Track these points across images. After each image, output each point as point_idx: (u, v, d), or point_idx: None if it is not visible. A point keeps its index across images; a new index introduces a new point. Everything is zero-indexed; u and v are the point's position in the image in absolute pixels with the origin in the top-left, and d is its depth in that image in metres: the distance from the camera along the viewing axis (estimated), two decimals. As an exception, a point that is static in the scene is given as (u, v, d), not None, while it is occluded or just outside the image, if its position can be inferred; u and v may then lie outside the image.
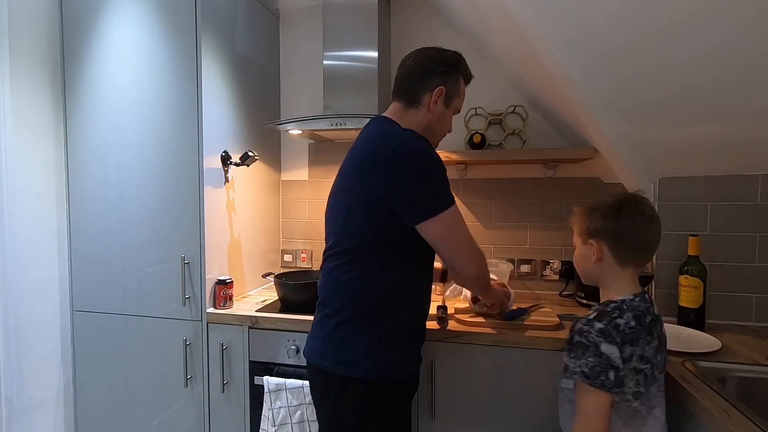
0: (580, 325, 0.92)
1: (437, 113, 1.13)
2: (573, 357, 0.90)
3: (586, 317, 0.93)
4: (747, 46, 0.96)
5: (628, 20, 0.99)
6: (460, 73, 1.15)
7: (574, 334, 0.92)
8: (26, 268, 1.60)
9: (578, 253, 1.01)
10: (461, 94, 1.17)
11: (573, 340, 0.91)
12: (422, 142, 1.05)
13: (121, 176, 1.66)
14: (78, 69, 1.68)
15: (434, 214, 1.02)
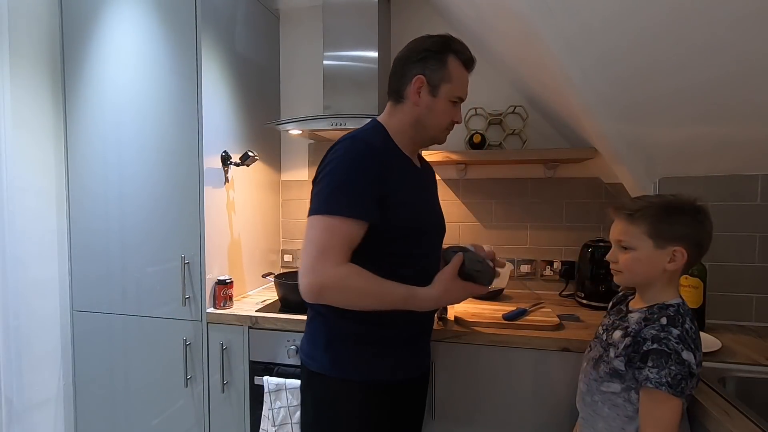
0: (653, 332, 0.86)
1: (424, 105, 1.03)
2: (652, 366, 0.83)
3: (652, 322, 0.88)
4: (747, 46, 0.96)
5: (627, 20, 0.99)
6: (447, 56, 1.02)
7: (647, 341, 0.85)
8: (26, 267, 1.60)
9: (642, 256, 0.91)
10: (453, 79, 1.02)
11: (647, 348, 0.85)
12: (360, 143, 0.98)
13: (121, 176, 1.66)
14: (78, 69, 1.68)
15: (310, 214, 0.96)
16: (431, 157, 1.76)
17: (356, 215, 0.93)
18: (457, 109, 1.07)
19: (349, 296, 0.94)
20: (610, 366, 0.92)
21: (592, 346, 1.03)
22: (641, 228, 0.91)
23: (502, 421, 1.35)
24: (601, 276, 1.64)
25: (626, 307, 1.00)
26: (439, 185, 1.98)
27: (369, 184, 0.95)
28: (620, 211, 0.94)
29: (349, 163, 0.95)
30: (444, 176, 1.99)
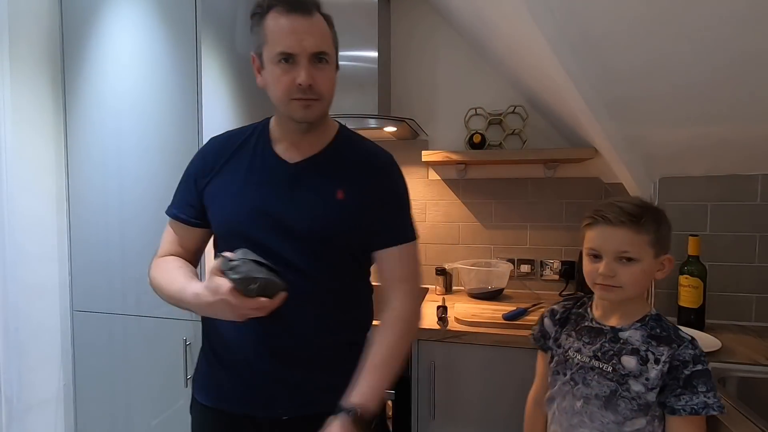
0: (690, 351, 0.79)
1: (264, 80, 0.86)
2: (707, 390, 0.77)
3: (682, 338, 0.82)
4: (747, 47, 0.96)
5: (627, 21, 0.99)
6: (266, 16, 0.82)
7: (688, 363, 0.78)
8: (26, 268, 1.60)
9: (647, 268, 0.82)
10: (269, 36, 0.81)
11: (691, 371, 0.78)
12: (207, 141, 0.98)
13: (121, 176, 1.66)
14: (78, 69, 1.68)
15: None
16: (431, 158, 1.76)
17: (172, 214, 0.95)
18: (292, 69, 0.80)
19: (156, 287, 0.90)
20: (640, 402, 0.80)
21: (582, 380, 0.86)
22: (647, 237, 0.82)
23: (501, 421, 1.35)
24: (601, 276, 1.64)
25: (598, 323, 0.88)
26: (439, 185, 1.99)
27: (187, 183, 0.94)
28: (619, 216, 0.82)
29: (191, 159, 0.97)
30: (444, 176, 1.99)
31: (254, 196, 0.87)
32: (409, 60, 2.01)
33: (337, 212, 0.87)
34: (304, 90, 0.81)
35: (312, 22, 0.81)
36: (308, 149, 0.90)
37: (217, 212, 0.89)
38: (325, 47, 0.83)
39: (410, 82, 2.01)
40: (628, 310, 0.86)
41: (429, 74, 1.99)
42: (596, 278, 0.84)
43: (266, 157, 0.90)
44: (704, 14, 0.91)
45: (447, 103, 1.97)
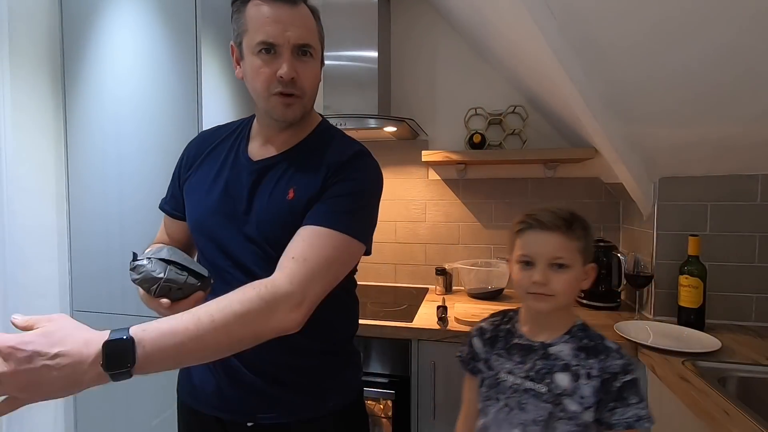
0: (619, 361, 0.77)
1: (243, 71, 0.81)
2: (637, 401, 0.75)
3: (608, 347, 0.79)
4: (747, 47, 0.96)
5: (628, 21, 0.99)
6: (245, 3, 0.78)
7: (618, 375, 0.76)
8: (26, 268, 1.60)
9: (578, 275, 0.80)
10: (249, 24, 0.77)
11: (622, 381, 0.76)
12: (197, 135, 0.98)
13: (120, 176, 1.66)
14: (78, 69, 1.68)
15: None
16: (431, 157, 1.76)
17: (160, 205, 0.97)
18: (273, 60, 0.76)
19: None
20: (578, 422, 0.76)
21: (517, 404, 0.80)
22: (577, 243, 0.79)
23: (502, 421, 1.35)
24: (601, 276, 1.64)
25: (528, 340, 0.84)
26: (439, 185, 1.99)
27: (174, 176, 0.96)
28: (553, 220, 0.79)
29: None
30: (444, 176, 1.99)
31: (218, 194, 0.84)
32: (409, 60, 2.01)
33: (286, 213, 0.79)
34: (285, 84, 0.76)
35: (297, 12, 0.77)
36: (280, 146, 0.85)
37: (189, 208, 0.89)
38: (310, 39, 0.78)
39: (410, 82, 2.01)
40: (556, 323, 0.82)
41: (429, 74, 1.99)
42: (529, 287, 0.79)
43: (238, 154, 0.87)
44: (704, 15, 0.91)
45: (447, 103, 1.97)
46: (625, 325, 1.36)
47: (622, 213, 1.83)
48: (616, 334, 1.30)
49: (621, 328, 1.33)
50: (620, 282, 1.61)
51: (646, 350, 1.20)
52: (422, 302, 1.72)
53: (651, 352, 1.19)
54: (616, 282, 1.62)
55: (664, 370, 1.09)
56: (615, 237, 1.82)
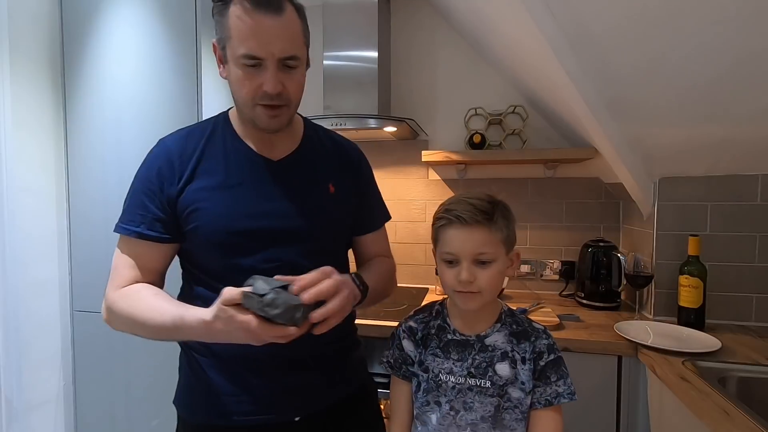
0: (544, 342, 0.79)
1: (227, 75, 0.79)
2: (557, 378, 0.77)
3: (536, 329, 0.81)
4: (747, 47, 0.96)
5: (627, 20, 0.99)
6: (228, 5, 0.73)
7: (543, 354, 0.77)
8: (26, 268, 1.60)
9: (501, 268, 0.77)
10: (233, 32, 0.73)
11: (545, 361, 0.77)
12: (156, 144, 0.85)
13: (120, 175, 1.66)
14: (78, 69, 1.68)
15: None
16: (431, 157, 1.76)
17: (135, 233, 0.79)
18: (258, 73, 0.74)
19: (123, 323, 0.78)
20: (522, 409, 0.77)
21: (463, 405, 0.78)
22: (499, 235, 0.76)
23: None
24: (601, 276, 1.64)
25: (462, 335, 0.81)
26: (439, 185, 1.99)
27: (149, 195, 0.79)
28: (472, 214, 0.74)
29: (140, 169, 0.84)
30: (444, 176, 1.99)
31: (246, 196, 0.80)
32: (409, 60, 2.00)
33: (332, 206, 0.86)
34: (271, 97, 0.75)
35: (281, 22, 0.73)
36: (285, 145, 0.86)
37: (205, 219, 0.78)
38: (295, 50, 0.76)
39: (410, 82, 2.01)
40: (485, 313, 0.81)
41: (429, 74, 1.99)
42: (456, 285, 0.76)
43: (242, 154, 0.83)
44: (704, 14, 0.91)
45: (447, 103, 1.97)
46: (625, 325, 1.36)
47: (622, 213, 1.83)
48: (616, 334, 1.30)
49: (621, 328, 1.33)
50: (620, 282, 1.61)
51: (646, 350, 1.20)
52: (422, 302, 1.71)
53: (651, 352, 1.19)
54: (616, 282, 1.63)
55: (664, 370, 1.09)
56: (615, 237, 1.82)
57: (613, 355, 1.27)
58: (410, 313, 0.89)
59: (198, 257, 0.82)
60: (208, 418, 0.82)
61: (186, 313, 0.71)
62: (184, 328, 0.71)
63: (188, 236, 0.80)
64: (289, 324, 0.65)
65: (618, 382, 1.28)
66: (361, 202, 0.93)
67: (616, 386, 1.28)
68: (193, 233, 0.79)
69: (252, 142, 0.84)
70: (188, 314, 0.70)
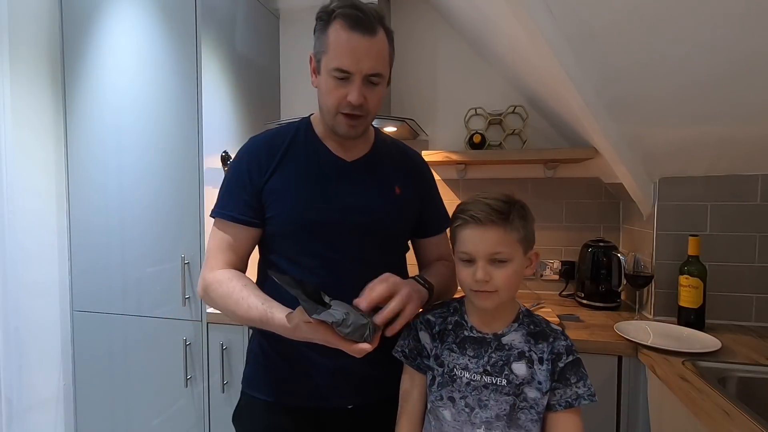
0: (563, 343, 0.79)
1: (318, 84, 0.90)
2: (577, 380, 0.76)
3: (554, 330, 0.81)
4: (747, 46, 0.96)
5: (627, 20, 0.99)
6: (330, 23, 0.84)
7: (562, 356, 0.77)
8: (26, 268, 1.60)
9: (518, 268, 0.77)
10: (330, 47, 0.83)
11: (564, 363, 0.77)
12: (248, 142, 0.97)
13: (121, 176, 1.66)
14: (78, 69, 1.68)
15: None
16: (431, 157, 1.76)
17: (227, 216, 0.91)
18: (345, 85, 0.84)
19: (219, 306, 0.89)
20: (538, 409, 0.76)
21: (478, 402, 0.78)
22: (515, 234, 0.76)
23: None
24: (601, 276, 1.64)
25: (479, 332, 0.82)
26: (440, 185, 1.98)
27: (240, 183, 0.91)
28: (488, 214, 0.76)
29: (233, 162, 0.95)
30: (444, 176, 1.99)
31: (321, 190, 0.90)
32: (409, 60, 2.00)
33: (398, 206, 0.95)
34: (353, 107, 0.84)
35: (372, 43, 0.83)
36: (359, 149, 0.96)
37: (283, 208, 0.89)
38: (381, 69, 0.85)
39: (410, 82, 2.01)
40: (503, 312, 0.82)
41: (429, 74, 1.99)
42: (472, 284, 0.77)
43: (321, 154, 0.93)
44: (704, 14, 0.91)
45: (447, 103, 1.97)
46: (625, 325, 1.36)
47: (622, 213, 1.83)
48: (616, 334, 1.30)
49: (621, 328, 1.33)
50: (620, 282, 1.61)
51: (646, 350, 1.20)
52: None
53: (651, 352, 1.19)
54: (616, 282, 1.63)
55: (664, 370, 1.09)
56: (615, 237, 1.82)
57: (613, 355, 1.27)
58: (429, 308, 0.91)
59: (274, 243, 0.92)
60: (272, 395, 0.92)
61: (271, 314, 0.80)
62: (268, 325, 0.81)
63: (268, 223, 0.91)
64: (360, 341, 0.74)
65: (618, 382, 1.28)
66: (425, 206, 1.02)
67: (616, 386, 1.28)
68: (272, 220, 0.90)
69: (330, 143, 0.94)
70: (273, 316, 0.80)
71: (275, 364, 0.93)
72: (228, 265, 0.92)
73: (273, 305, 0.82)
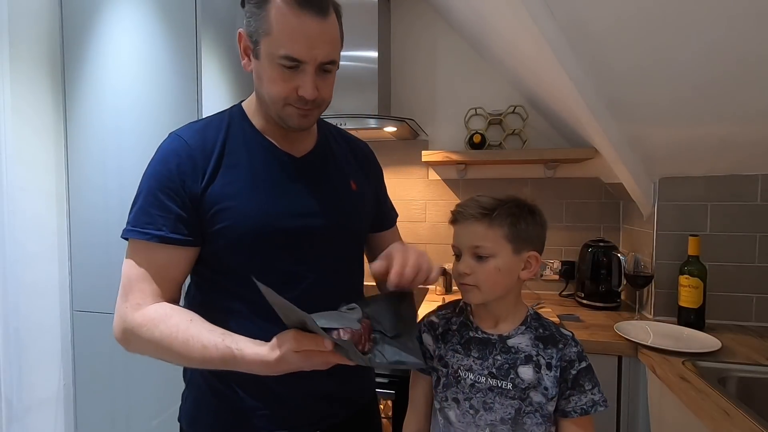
0: (574, 349, 0.78)
1: (251, 70, 0.78)
2: (591, 387, 0.76)
3: (564, 335, 0.80)
4: (747, 47, 0.96)
5: (627, 20, 0.99)
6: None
7: (574, 362, 0.76)
8: (26, 268, 1.60)
9: (502, 264, 0.76)
10: (273, 29, 0.69)
11: (577, 369, 0.76)
12: (169, 137, 0.78)
13: (121, 176, 1.66)
14: (78, 69, 1.68)
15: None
16: (431, 158, 1.76)
17: (157, 237, 0.71)
18: (294, 75, 0.71)
19: (154, 351, 0.70)
20: (543, 413, 0.76)
21: (483, 405, 0.77)
22: (500, 231, 0.76)
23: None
24: (601, 276, 1.64)
25: (484, 333, 0.81)
26: (439, 185, 1.98)
27: (169, 194, 0.73)
28: (472, 210, 0.77)
29: (153, 160, 0.77)
30: (444, 176, 1.99)
31: (274, 193, 0.77)
32: (409, 60, 2.00)
33: (355, 203, 0.86)
34: (306, 101, 0.72)
35: (326, 26, 0.71)
36: (305, 143, 0.84)
37: (235, 218, 0.73)
38: (335, 55, 0.74)
39: (410, 82, 2.01)
40: (508, 313, 0.81)
41: (429, 74, 1.99)
42: (456, 277, 0.79)
43: (265, 151, 0.79)
44: (705, 15, 0.91)
45: (447, 103, 1.97)
46: (625, 325, 1.36)
47: (622, 213, 1.83)
48: (616, 334, 1.30)
49: (621, 328, 1.33)
50: (620, 282, 1.61)
51: (646, 350, 1.20)
52: (422, 302, 1.71)
53: (651, 352, 1.19)
54: (616, 282, 1.63)
55: (664, 370, 1.09)
56: (615, 237, 1.82)
57: (613, 355, 1.27)
58: (434, 309, 0.90)
59: (222, 260, 0.76)
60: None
61: (239, 352, 0.65)
62: (235, 364, 0.65)
63: (213, 238, 0.74)
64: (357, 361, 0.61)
65: (618, 382, 1.28)
66: (379, 198, 0.96)
67: (616, 386, 1.28)
68: (220, 234, 0.73)
69: (272, 137, 0.81)
70: (243, 353, 0.64)
71: (227, 397, 0.77)
72: (159, 298, 0.72)
73: (237, 339, 0.66)
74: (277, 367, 0.63)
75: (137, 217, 0.75)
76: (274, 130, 0.80)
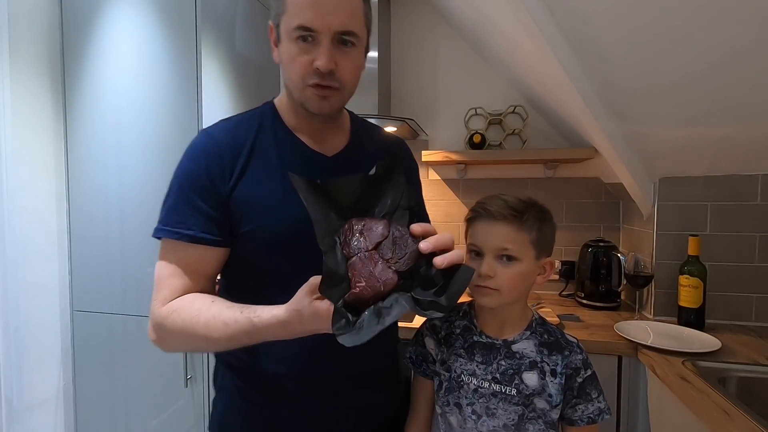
0: (580, 357, 0.76)
1: (280, 56, 0.73)
2: (597, 394, 0.75)
3: (570, 342, 0.78)
4: (747, 47, 0.96)
5: (628, 20, 0.99)
6: None
7: (580, 370, 0.75)
8: (26, 268, 1.60)
9: (525, 269, 0.74)
10: (288, 4, 0.68)
11: (583, 377, 0.75)
12: (200, 134, 0.77)
13: (120, 176, 1.66)
14: (78, 69, 1.68)
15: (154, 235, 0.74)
16: (431, 158, 1.76)
17: (188, 237, 0.70)
18: (310, 48, 0.68)
19: (180, 341, 0.71)
20: (546, 419, 0.75)
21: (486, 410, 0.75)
22: (528, 235, 0.73)
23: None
24: (601, 276, 1.64)
25: (488, 337, 0.79)
26: (439, 185, 1.98)
27: (199, 194, 0.71)
28: (503, 210, 0.73)
29: (184, 157, 0.75)
30: (444, 176, 1.99)
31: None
32: (409, 60, 2.00)
33: None
34: (322, 75, 0.68)
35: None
36: (336, 140, 0.81)
37: (264, 220, 0.71)
38: (354, 26, 0.69)
39: (410, 82, 2.01)
40: (514, 318, 0.79)
41: (429, 74, 1.99)
42: (475, 279, 0.74)
43: (296, 150, 0.77)
44: (705, 14, 0.91)
45: (447, 103, 1.97)
46: (625, 325, 1.36)
47: (622, 213, 1.83)
48: (616, 334, 1.30)
49: (621, 328, 1.33)
50: (620, 282, 1.61)
51: (646, 350, 1.20)
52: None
53: (651, 352, 1.19)
54: (616, 282, 1.63)
55: (664, 370, 1.09)
56: (615, 237, 1.82)
57: (613, 355, 1.27)
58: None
59: (251, 263, 0.74)
60: None
61: (257, 319, 0.63)
62: (257, 334, 0.64)
63: (242, 239, 0.72)
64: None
65: (618, 382, 1.28)
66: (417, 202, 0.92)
67: (616, 386, 1.28)
68: (249, 236, 0.72)
69: (304, 135, 0.78)
70: (261, 319, 0.63)
71: (258, 404, 0.76)
72: (189, 291, 0.72)
73: (254, 308, 0.65)
74: (299, 326, 0.60)
75: (168, 216, 0.73)
76: (304, 125, 0.78)
